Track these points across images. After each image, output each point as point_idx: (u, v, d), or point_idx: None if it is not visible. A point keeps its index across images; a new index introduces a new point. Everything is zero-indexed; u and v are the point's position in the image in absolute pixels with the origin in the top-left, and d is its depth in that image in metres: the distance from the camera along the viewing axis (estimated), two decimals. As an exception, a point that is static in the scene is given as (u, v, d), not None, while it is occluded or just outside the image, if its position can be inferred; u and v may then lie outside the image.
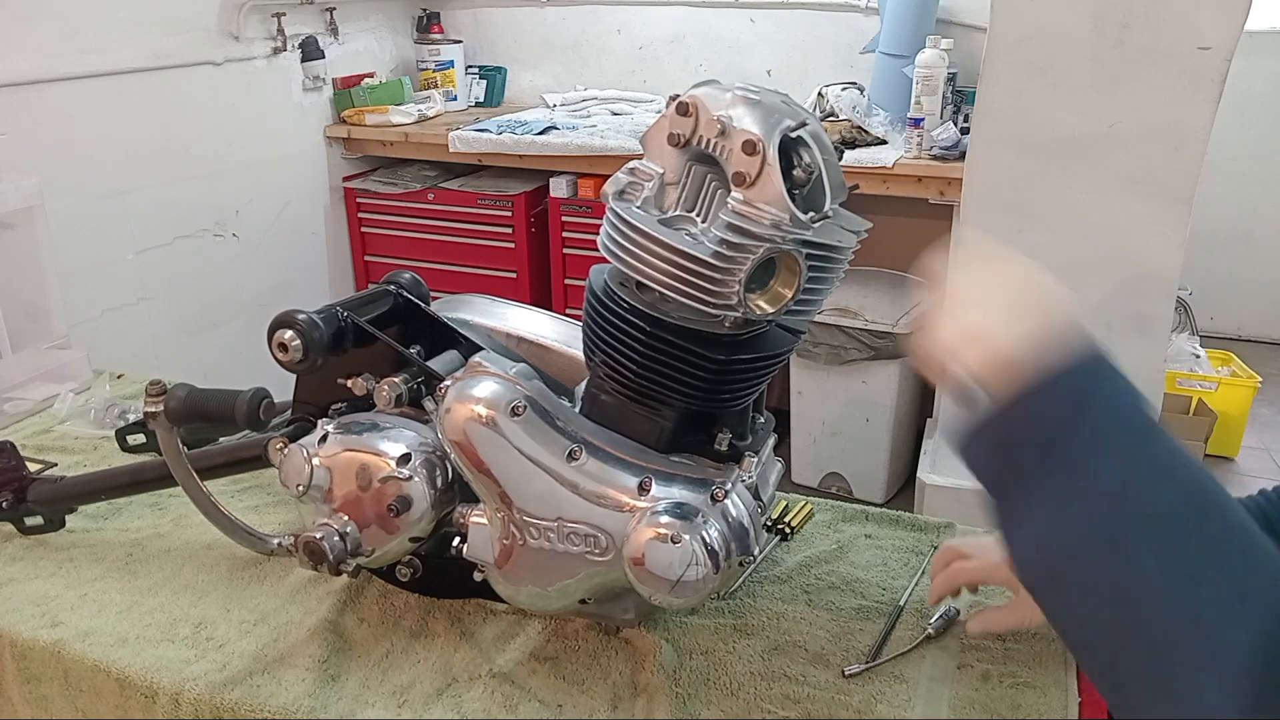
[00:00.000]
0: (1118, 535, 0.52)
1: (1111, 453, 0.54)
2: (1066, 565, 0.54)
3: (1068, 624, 0.55)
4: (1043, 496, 0.55)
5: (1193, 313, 3.52)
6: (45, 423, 1.52)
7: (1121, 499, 0.53)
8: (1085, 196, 1.92)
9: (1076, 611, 0.54)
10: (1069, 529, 0.53)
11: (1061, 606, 0.55)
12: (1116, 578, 0.51)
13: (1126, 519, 0.52)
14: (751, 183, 0.77)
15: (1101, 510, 0.53)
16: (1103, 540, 0.52)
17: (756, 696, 0.93)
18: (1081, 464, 0.54)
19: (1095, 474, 0.54)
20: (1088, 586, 0.53)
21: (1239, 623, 0.47)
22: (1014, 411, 0.58)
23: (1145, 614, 0.50)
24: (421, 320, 1.07)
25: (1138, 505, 0.52)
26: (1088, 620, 0.53)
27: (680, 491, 0.86)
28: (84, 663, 1.00)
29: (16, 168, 2.16)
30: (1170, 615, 0.49)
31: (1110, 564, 0.51)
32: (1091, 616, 0.53)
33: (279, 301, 1.84)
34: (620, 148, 2.76)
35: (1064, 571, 0.54)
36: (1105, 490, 0.53)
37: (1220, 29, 1.74)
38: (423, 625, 1.03)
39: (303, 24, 3.03)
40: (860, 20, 3.00)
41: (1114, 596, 0.51)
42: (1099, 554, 0.52)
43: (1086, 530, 0.53)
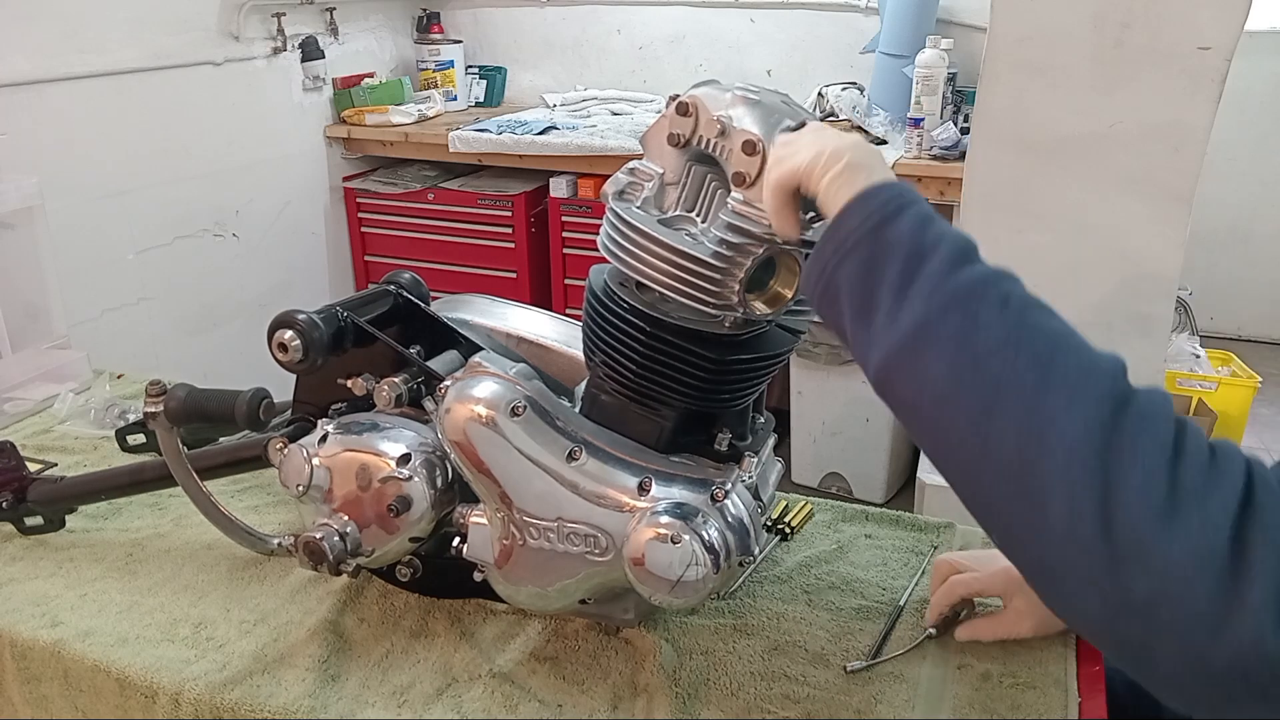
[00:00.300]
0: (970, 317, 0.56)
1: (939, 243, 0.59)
2: (923, 341, 0.57)
3: (924, 398, 0.57)
4: (884, 292, 0.59)
5: (1193, 313, 3.52)
6: (45, 423, 1.52)
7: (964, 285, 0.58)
8: (1085, 196, 1.92)
9: (934, 386, 0.57)
10: (918, 316, 0.57)
11: (917, 387, 0.58)
12: (975, 349, 0.55)
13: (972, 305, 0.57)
14: (751, 183, 0.77)
15: (952, 295, 0.57)
16: (956, 319, 0.56)
17: (757, 696, 0.93)
18: (914, 259, 0.59)
19: (930, 263, 0.58)
20: (940, 359, 0.56)
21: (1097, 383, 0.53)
22: (840, 223, 0.63)
23: (1004, 372, 0.54)
24: (421, 320, 1.07)
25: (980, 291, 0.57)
26: (944, 391, 0.56)
27: (680, 491, 0.86)
28: (84, 663, 1.00)
29: (16, 168, 2.16)
30: (1035, 368, 0.54)
31: (965, 339, 0.56)
32: (948, 390, 0.56)
33: (279, 301, 1.85)
34: (620, 148, 2.76)
35: (920, 352, 0.57)
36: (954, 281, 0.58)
37: (1220, 29, 1.74)
38: (423, 625, 1.03)
39: (303, 24, 3.03)
40: (860, 20, 3.00)
41: (970, 364, 0.55)
42: (953, 331, 0.56)
43: (940, 311, 0.57)
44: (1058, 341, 0.56)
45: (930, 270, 0.59)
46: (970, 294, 0.58)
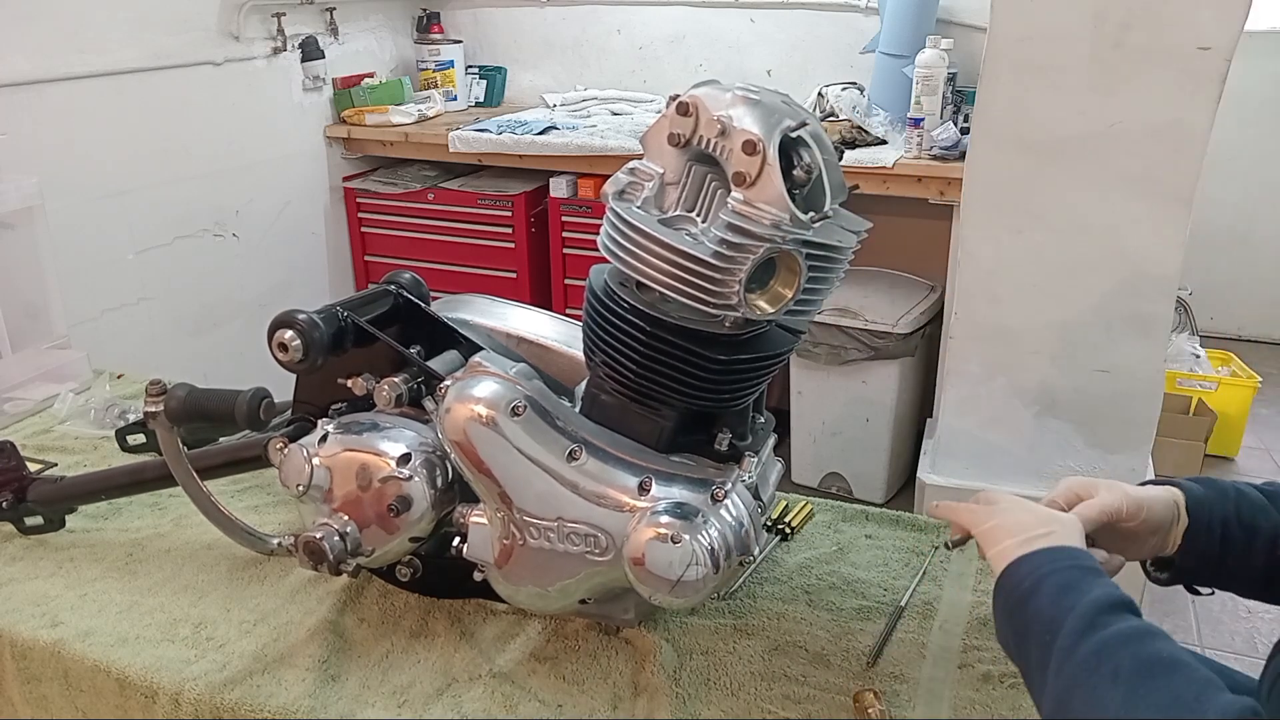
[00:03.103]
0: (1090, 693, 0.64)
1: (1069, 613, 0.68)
2: (1074, 703, 0.65)
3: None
4: (1033, 666, 0.70)
5: (1193, 313, 3.52)
6: (45, 423, 1.52)
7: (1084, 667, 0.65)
8: (1085, 196, 1.92)
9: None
10: (1057, 694, 0.66)
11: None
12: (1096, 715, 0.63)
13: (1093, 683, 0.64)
14: (751, 183, 0.77)
15: (1074, 673, 0.65)
16: (1081, 697, 0.64)
17: (757, 697, 0.93)
18: (1047, 634, 0.68)
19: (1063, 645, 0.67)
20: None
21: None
22: (995, 600, 0.75)
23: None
24: (421, 320, 1.07)
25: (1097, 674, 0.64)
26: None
27: (680, 491, 0.86)
28: (84, 663, 1.00)
29: (16, 168, 2.16)
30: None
31: (1090, 706, 0.64)
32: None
33: (279, 301, 1.84)
34: (620, 148, 2.76)
35: (1074, 707, 0.65)
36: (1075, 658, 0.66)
37: (1220, 29, 1.74)
38: (423, 625, 1.03)
39: (303, 24, 3.03)
40: (860, 20, 3.00)
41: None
42: (1081, 709, 0.64)
43: (1068, 690, 0.65)
44: (1161, 713, 0.61)
45: (1061, 646, 0.67)
46: (1089, 669, 0.65)
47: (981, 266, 2.05)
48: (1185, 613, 2.37)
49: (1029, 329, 2.03)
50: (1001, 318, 2.05)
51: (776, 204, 0.77)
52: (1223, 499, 0.84)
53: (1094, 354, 1.99)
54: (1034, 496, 0.84)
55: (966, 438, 2.15)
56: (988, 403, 2.13)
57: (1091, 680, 0.64)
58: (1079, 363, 2.00)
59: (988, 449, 2.14)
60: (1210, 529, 0.83)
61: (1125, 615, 0.67)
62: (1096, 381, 2.00)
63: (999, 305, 2.05)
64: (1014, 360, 2.06)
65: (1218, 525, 0.83)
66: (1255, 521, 0.83)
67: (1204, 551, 0.84)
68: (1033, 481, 2.20)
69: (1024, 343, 2.04)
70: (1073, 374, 2.01)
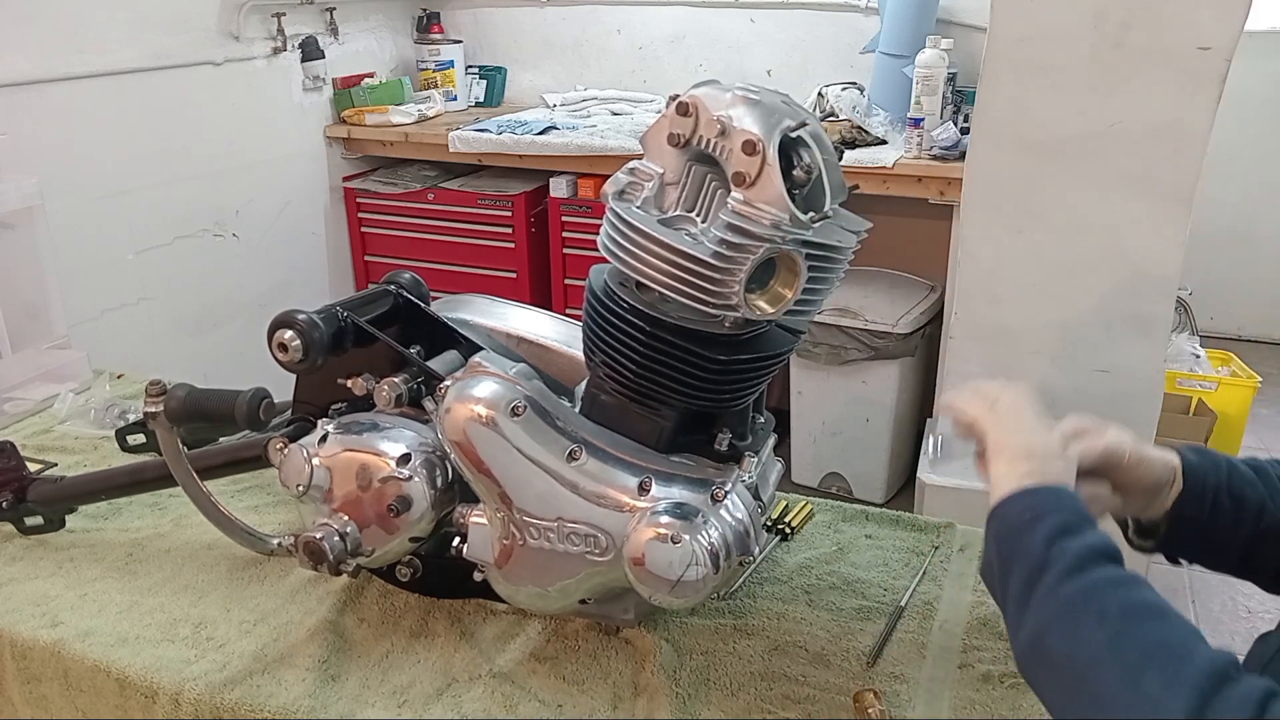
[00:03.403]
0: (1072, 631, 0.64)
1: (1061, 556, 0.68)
2: (1039, 654, 0.66)
3: (1047, 700, 0.67)
4: (1011, 597, 0.70)
5: (1193, 313, 3.51)
6: (45, 423, 1.52)
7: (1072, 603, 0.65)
8: (1085, 196, 1.92)
9: (1051, 692, 0.66)
10: (1035, 626, 0.67)
11: (1041, 688, 0.67)
12: (1076, 664, 0.63)
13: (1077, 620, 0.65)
14: (751, 183, 0.77)
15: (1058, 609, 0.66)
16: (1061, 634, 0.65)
17: (757, 697, 0.93)
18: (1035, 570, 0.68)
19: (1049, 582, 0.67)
20: (1056, 673, 0.65)
21: (1174, 695, 0.58)
22: (989, 525, 0.74)
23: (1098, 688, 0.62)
24: (421, 320, 1.07)
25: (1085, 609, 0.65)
26: (1058, 699, 0.65)
27: (680, 491, 0.86)
28: (84, 663, 1.00)
29: (16, 168, 2.16)
30: (1121, 687, 0.61)
31: (1069, 654, 0.64)
32: (1062, 698, 0.65)
33: (279, 301, 1.84)
34: (620, 148, 2.76)
35: (1039, 659, 0.67)
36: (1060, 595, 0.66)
37: (1220, 29, 1.74)
38: (423, 625, 1.03)
39: (303, 24, 3.03)
40: (860, 20, 3.00)
41: (1075, 677, 0.63)
42: (1060, 646, 0.65)
43: (1047, 625, 0.66)
44: (1147, 659, 0.61)
45: (1046, 583, 0.67)
46: (1074, 607, 0.65)
47: (981, 266, 2.05)
48: (1185, 613, 2.37)
49: (1029, 329, 2.03)
50: (1001, 318, 2.05)
51: (776, 204, 0.77)
52: (1216, 469, 0.84)
53: (1094, 354, 1.99)
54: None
55: (966, 438, 2.15)
56: (988, 403, 2.13)
57: (1075, 618, 0.65)
58: (1079, 363, 2.01)
59: (988, 449, 2.14)
60: (1202, 497, 0.83)
61: (1113, 564, 0.68)
62: (1096, 381, 2.00)
63: (999, 305, 2.05)
64: (1014, 360, 2.06)
65: (1209, 494, 0.83)
66: (1244, 493, 0.83)
67: (1193, 518, 0.83)
68: (1033, 481, 2.20)
69: (1024, 343, 2.04)
70: (1073, 374, 2.02)
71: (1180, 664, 0.60)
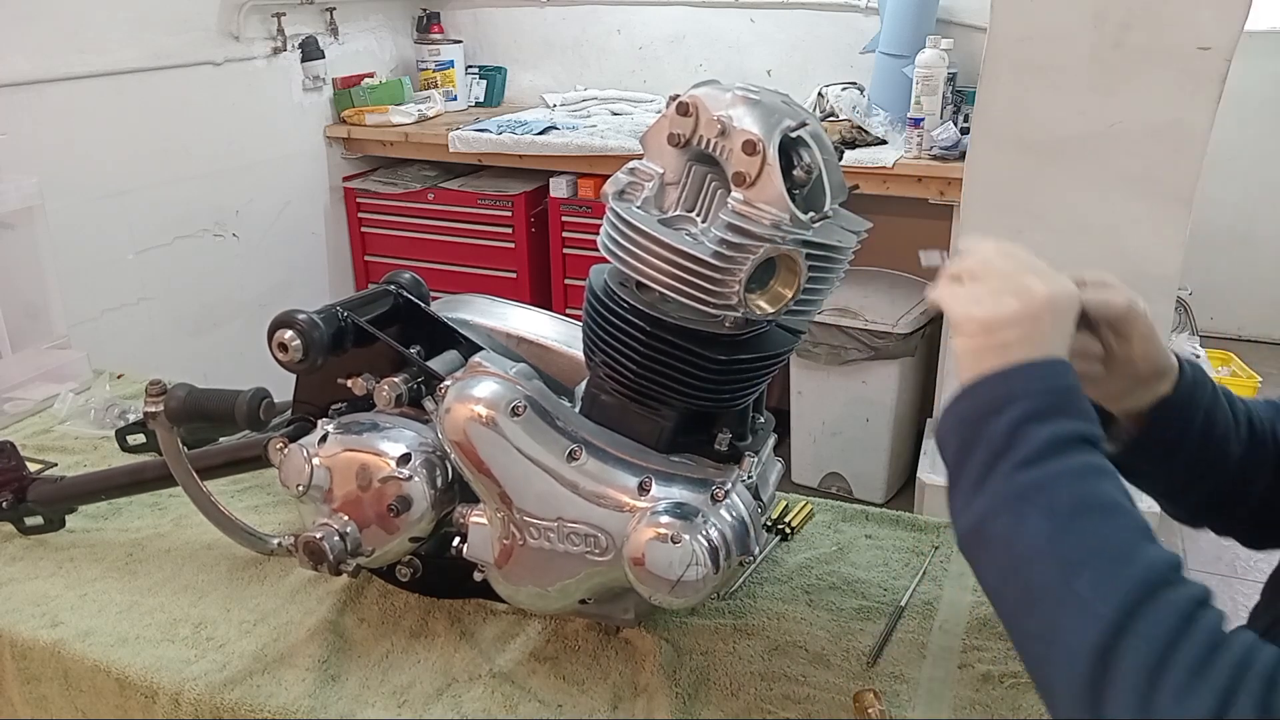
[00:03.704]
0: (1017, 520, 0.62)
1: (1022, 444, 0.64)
2: (981, 538, 0.65)
3: (984, 584, 0.66)
4: (966, 477, 0.67)
5: (1193, 313, 3.51)
6: (45, 423, 1.52)
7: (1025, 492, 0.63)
8: (1085, 196, 1.92)
9: (988, 577, 0.65)
10: (981, 510, 0.64)
11: (979, 571, 0.66)
12: (1015, 553, 0.62)
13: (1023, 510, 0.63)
14: (751, 183, 0.77)
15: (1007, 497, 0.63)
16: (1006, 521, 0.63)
17: (757, 697, 0.93)
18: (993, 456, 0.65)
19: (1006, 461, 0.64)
20: (994, 560, 0.64)
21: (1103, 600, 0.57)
22: (955, 403, 0.69)
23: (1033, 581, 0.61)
24: (421, 320, 1.07)
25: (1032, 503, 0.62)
26: (995, 585, 0.64)
27: (680, 491, 0.86)
28: (84, 663, 1.00)
29: (16, 168, 2.16)
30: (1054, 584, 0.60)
31: (1010, 542, 0.62)
32: (997, 584, 0.64)
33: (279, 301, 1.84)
34: (620, 148, 2.76)
35: (980, 544, 0.65)
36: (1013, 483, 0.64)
37: (1220, 29, 1.74)
38: (423, 625, 1.03)
39: (303, 24, 3.03)
40: (860, 20, 3.00)
41: (1011, 567, 0.62)
42: (1002, 532, 0.63)
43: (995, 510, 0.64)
44: (1085, 558, 0.60)
45: (1002, 469, 0.64)
46: (1023, 498, 0.63)
47: (981, 266, 2.05)
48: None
49: (1029, 329, 2.03)
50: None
51: (776, 204, 0.77)
52: (1205, 389, 0.80)
53: (1094, 354, 1.99)
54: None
55: (966, 438, 2.15)
56: (988, 403, 2.13)
57: (1022, 509, 0.62)
58: (1079, 363, 2.00)
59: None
60: (1183, 411, 0.79)
61: (1080, 451, 0.64)
62: (1097, 381, 2.00)
63: (999, 305, 2.05)
64: None
65: (1191, 411, 0.79)
66: (1214, 420, 0.80)
67: (1166, 431, 0.80)
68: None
69: None
70: (1073, 374, 2.01)
71: (1116, 567, 0.59)
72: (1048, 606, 0.60)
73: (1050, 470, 0.63)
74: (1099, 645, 0.56)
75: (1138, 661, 0.55)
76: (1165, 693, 0.54)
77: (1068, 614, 0.59)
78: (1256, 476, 0.82)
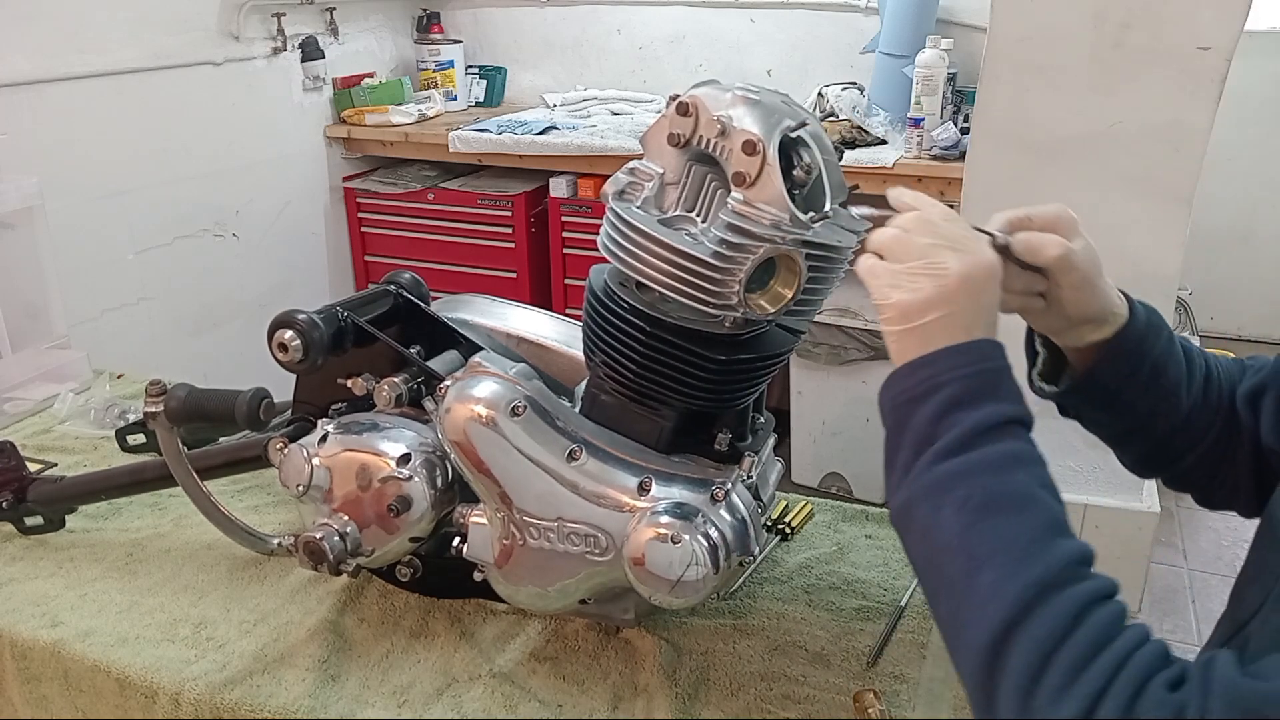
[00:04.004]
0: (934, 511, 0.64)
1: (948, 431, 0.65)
2: (906, 523, 0.66)
3: (911, 565, 0.68)
4: (895, 461, 0.68)
5: (1193, 313, 3.52)
6: (45, 423, 1.52)
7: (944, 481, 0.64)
8: (1085, 196, 1.92)
9: (912, 560, 0.67)
10: (906, 497, 0.66)
11: (907, 553, 0.68)
12: (931, 543, 0.64)
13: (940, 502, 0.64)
14: (751, 183, 0.77)
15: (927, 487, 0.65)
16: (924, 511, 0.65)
17: (757, 697, 0.93)
18: (919, 443, 0.66)
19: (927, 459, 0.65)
20: (915, 546, 0.66)
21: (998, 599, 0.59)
22: (886, 387, 0.69)
23: (944, 572, 0.63)
24: (421, 320, 1.07)
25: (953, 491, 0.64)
26: (917, 568, 0.67)
27: (680, 491, 0.86)
28: (84, 663, 1.00)
29: (16, 168, 2.16)
30: (960, 578, 0.62)
31: (928, 532, 0.64)
32: (919, 568, 0.66)
33: (279, 301, 1.84)
34: (620, 148, 2.76)
35: (905, 528, 0.67)
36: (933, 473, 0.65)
37: (1220, 29, 1.74)
38: (423, 625, 1.03)
39: (303, 24, 3.03)
40: (860, 20, 3.00)
41: (928, 556, 0.65)
42: (921, 522, 0.65)
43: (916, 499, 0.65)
44: (988, 554, 0.61)
45: (924, 459, 0.66)
46: (940, 489, 0.64)
47: (981, 266, 2.05)
48: (1185, 612, 2.37)
49: (1029, 329, 2.03)
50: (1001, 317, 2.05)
51: (776, 204, 0.77)
52: (1157, 337, 0.80)
53: (1094, 354, 1.99)
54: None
55: (966, 438, 2.15)
56: (988, 403, 2.13)
57: (939, 500, 0.64)
58: (1079, 363, 2.00)
59: (988, 449, 2.14)
60: (1129, 359, 0.79)
61: (1002, 438, 0.65)
62: (1096, 381, 2.00)
63: (999, 305, 2.05)
64: (1014, 360, 2.06)
65: (1137, 360, 0.79)
66: (1165, 370, 0.80)
67: (1109, 378, 0.80)
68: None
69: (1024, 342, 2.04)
70: (1073, 374, 2.02)
71: (1015, 565, 0.60)
72: (954, 599, 0.62)
73: (968, 461, 0.64)
74: (991, 643, 0.58)
75: (1022, 661, 0.57)
76: (1043, 693, 0.56)
77: (969, 608, 0.61)
78: (1202, 433, 0.83)
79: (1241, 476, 0.84)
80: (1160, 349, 0.80)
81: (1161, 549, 2.56)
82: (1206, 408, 0.83)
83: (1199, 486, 0.87)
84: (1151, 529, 2.23)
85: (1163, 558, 2.56)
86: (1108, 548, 2.16)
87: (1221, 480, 0.85)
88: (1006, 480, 0.63)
